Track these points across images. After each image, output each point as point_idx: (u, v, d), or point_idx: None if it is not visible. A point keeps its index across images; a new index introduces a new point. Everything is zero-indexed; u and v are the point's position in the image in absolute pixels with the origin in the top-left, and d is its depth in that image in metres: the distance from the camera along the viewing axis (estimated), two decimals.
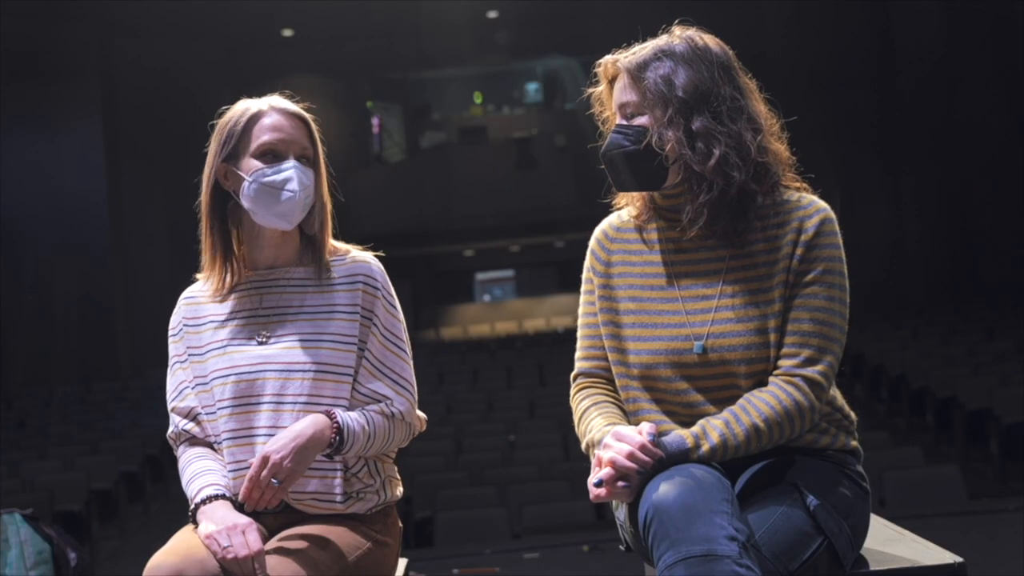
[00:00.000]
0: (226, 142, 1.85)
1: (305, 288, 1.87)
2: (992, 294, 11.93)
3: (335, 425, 1.74)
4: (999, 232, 12.18)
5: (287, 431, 1.72)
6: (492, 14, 14.46)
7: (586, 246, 1.92)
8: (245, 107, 1.87)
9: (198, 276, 1.96)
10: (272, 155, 1.83)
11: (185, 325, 1.92)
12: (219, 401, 1.82)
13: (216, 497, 1.75)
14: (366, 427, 1.78)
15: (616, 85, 1.80)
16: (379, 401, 1.84)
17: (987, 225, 12.40)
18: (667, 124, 1.71)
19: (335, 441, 1.74)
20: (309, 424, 1.73)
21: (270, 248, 1.89)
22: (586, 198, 16.26)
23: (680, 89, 1.71)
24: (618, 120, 1.79)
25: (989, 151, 12.23)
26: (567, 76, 17.91)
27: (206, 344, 1.87)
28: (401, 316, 1.91)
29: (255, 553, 1.64)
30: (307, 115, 1.89)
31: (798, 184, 1.80)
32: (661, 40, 1.78)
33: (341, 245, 1.94)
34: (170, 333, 1.94)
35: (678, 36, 1.78)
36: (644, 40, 1.81)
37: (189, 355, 1.89)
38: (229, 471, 1.82)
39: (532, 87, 19.34)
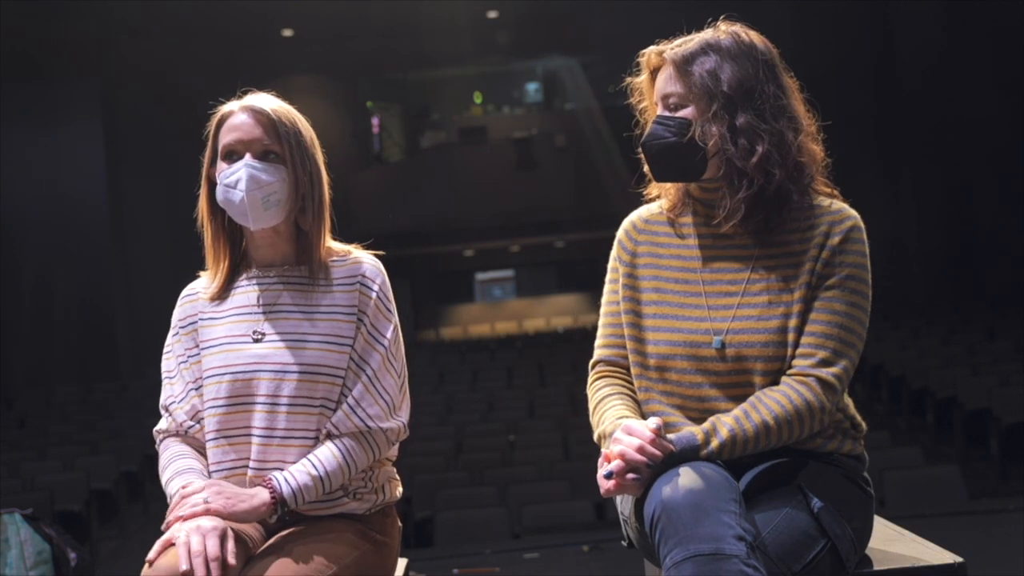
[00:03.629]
0: (207, 146, 1.87)
1: (303, 287, 1.86)
2: (992, 294, 11.93)
3: (273, 501, 1.71)
4: (999, 232, 12.18)
5: (233, 508, 1.67)
6: (492, 14, 14.46)
7: (586, 246, 1.92)
8: (220, 109, 1.88)
9: (202, 273, 1.96)
10: (233, 156, 1.82)
11: (182, 326, 1.91)
12: (212, 400, 1.82)
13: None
14: (317, 480, 1.75)
15: (660, 76, 1.80)
16: (353, 409, 1.81)
17: (987, 225, 12.40)
18: (711, 119, 1.72)
19: (276, 511, 1.72)
20: (251, 506, 1.69)
21: (265, 247, 1.88)
22: (586, 198, 16.28)
23: (725, 84, 1.71)
24: (660, 111, 1.79)
25: (989, 151, 12.23)
26: (567, 76, 17.91)
27: (202, 342, 1.87)
28: (393, 319, 1.88)
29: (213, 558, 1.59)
30: (277, 111, 1.84)
31: (829, 190, 1.81)
32: (707, 34, 1.79)
33: (342, 246, 1.92)
34: (172, 331, 1.93)
35: (724, 31, 1.78)
36: (688, 33, 1.81)
37: (189, 356, 1.89)
38: (214, 470, 1.81)
39: (532, 87, 19.34)
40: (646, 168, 1.84)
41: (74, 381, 11.62)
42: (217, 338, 1.85)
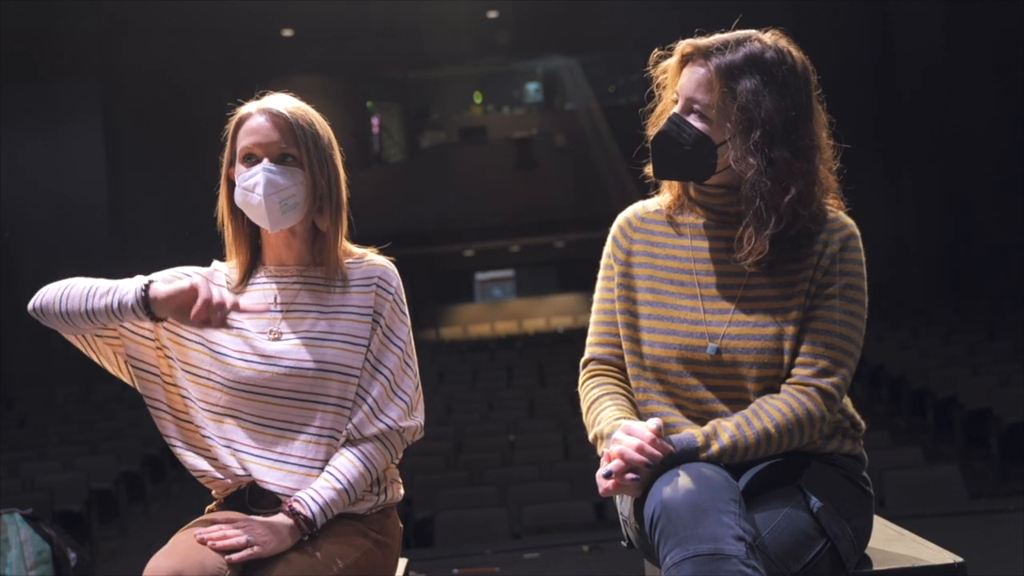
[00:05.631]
0: (225, 147, 1.87)
1: (319, 287, 1.87)
2: (992, 294, 11.93)
3: (296, 525, 1.72)
4: (999, 232, 12.18)
5: (270, 539, 1.69)
6: (492, 14, 14.47)
7: (586, 246, 1.92)
8: (238, 111, 1.87)
9: (217, 262, 1.96)
10: (251, 159, 1.82)
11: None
12: (221, 375, 1.81)
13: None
14: (342, 492, 1.77)
15: (691, 71, 1.74)
16: (373, 410, 1.82)
17: (987, 225, 12.40)
18: (751, 148, 1.68)
19: (304, 533, 1.73)
20: (281, 538, 1.70)
21: (280, 247, 1.89)
22: (586, 198, 16.28)
23: (765, 112, 1.67)
24: (679, 107, 1.75)
25: (989, 151, 12.24)
26: (567, 76, 17.92)
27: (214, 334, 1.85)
28: (407, 321, 1.90)
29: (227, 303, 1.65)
30: (294, 113, 1.84)
31: (836, 202, 1.80)
32: (753, 43, 1.73)
33: (358, 249, 1.93)
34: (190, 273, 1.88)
35: (770, 44, 1.73)
36: (691, 31, 1.77)
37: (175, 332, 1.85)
38: (215, 442, 1.80)
39: (532, 87, 19.36)
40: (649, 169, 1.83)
41: (74, 381, 11.61)
42: (233, 330, 1.85)
